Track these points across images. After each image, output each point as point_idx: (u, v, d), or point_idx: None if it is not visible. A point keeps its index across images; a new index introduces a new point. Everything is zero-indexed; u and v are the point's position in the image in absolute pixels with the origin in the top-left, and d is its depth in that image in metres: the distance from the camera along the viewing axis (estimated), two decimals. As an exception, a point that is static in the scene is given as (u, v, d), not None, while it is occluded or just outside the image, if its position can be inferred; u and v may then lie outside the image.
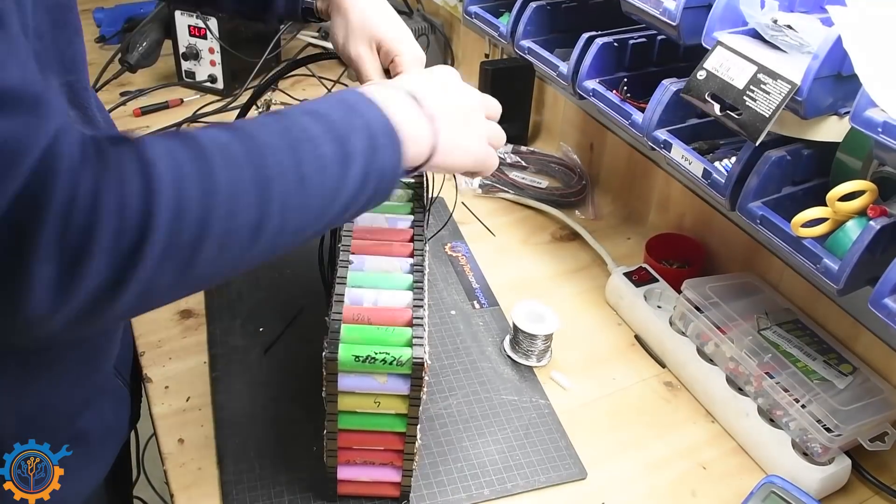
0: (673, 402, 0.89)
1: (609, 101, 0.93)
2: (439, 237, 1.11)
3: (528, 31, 1.06)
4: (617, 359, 0.95)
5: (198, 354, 0.89)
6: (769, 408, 0.82)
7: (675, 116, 0.87)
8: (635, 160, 1.17)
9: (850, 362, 0.85)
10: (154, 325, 0.93)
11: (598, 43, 0.95)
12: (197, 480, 0.76)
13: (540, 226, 1.16)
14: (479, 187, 1.21)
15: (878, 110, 0.61)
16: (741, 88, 0.71)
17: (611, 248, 1.10)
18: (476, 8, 1.17)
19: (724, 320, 0.87)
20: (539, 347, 0.91)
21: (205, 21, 1.34)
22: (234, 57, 1.37)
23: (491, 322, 0.97)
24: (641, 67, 0.98)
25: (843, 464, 0.79)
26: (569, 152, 1.28)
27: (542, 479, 0.79)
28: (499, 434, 0.83)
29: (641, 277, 1.00)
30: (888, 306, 0.63)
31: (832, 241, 0.71)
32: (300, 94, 1.39)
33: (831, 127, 0.72)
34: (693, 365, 0.89)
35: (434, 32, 1.56)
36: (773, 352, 0.84)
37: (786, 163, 0.76)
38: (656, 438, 0.85)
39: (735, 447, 0.85)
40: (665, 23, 0.80)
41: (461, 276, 1.04)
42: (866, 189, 0.68)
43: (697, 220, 1.07)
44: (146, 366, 0.88)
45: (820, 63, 0.65)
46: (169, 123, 1.31)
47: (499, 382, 0.89)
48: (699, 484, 0.80)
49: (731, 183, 0.79)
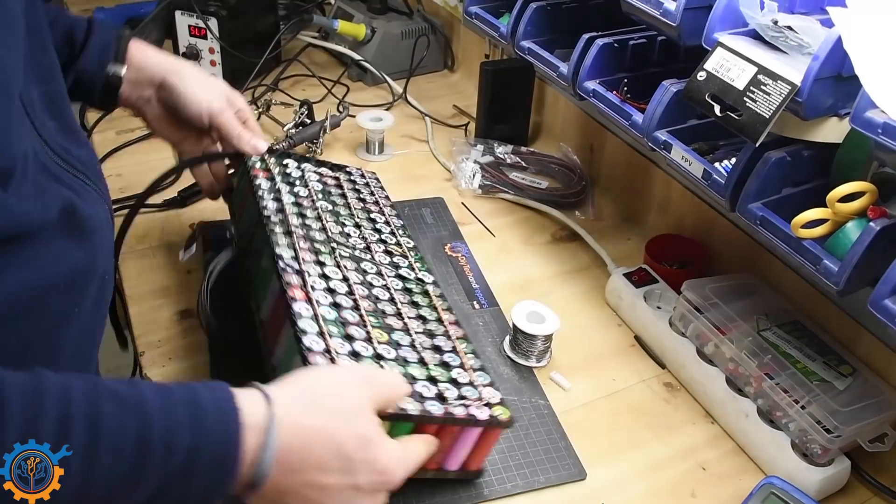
0: (673, 402, 0.89)
1: (609, 102, 0.93)
2: (439, 237, 1.11)
3: (528, 31, 1.06)
4: (617, 359, 0.95)
5: (198, 355, 0.89)
6: (769, 409, 0.82)
7: (675, 117, 0.87)
8: (635, 161, 1.17)
9: (849, 363, 0.85)
10: (154, 325, 0.93)
11: (598, 43, 0.95)
12: (196, 480, 0.76)
13: (540, 226, 1.16)
14: (479, 188, 1.21)
15: (879, 111, 0.61)
16: (741, 89, 0.71)
17: (611, 248, 1.10)
18: (476, 8, 1.17)
19: (723, 321, 0.87)
20: (539, 348, 0.91)
21: (205, 21, 1.34)
22: (235, 57, 1.37)
23: (490, 322, 0.97)
24: (642, 68, 0.98)
25: (843, 465, 0.79)
26: (569, 153, 1.28)
27: (541, 480, 0.78)
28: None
29: (641, 278, 1.00)
30: (888, 307, 0.63)
31: (832, 243, 0.71)
32: (300, 94, 1.39)
33: (831, 128, 0.72)
34: (693, 366, 0.89)
35: (434, 33, 1.56)
36: (772, 353, 0.84)
37: (786, 164, 0.76)
38: (656, 439, 0.85)
39: (734, 448, 0.85)
40: (665, 23, 0.80)
41: (461, 277, 1.04)
42: (866, 190, 0.68)
43: (697, 220, 1.07)
44: (146, 366, 0.88)
45: (820, 64, 0.65)
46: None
47: (499, 383, 0.88)
48: (699, 485, 0.80)
49: (731, 184, 0.79)
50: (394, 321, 0.76)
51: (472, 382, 0.73)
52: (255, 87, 1.42)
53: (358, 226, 0.90)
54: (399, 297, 0.80)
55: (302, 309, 0.71)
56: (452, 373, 0.73)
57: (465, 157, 1.25)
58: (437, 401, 0.68)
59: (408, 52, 1.51)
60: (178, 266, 1.01)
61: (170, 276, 0.99)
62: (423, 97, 1.47)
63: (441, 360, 0.74)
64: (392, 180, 1.23)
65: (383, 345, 0.72)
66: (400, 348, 0.73)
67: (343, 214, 0.91)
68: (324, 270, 0.79)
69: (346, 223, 0.90)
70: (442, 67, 1.61)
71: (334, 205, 0.92)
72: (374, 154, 1.29)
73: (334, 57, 1.58)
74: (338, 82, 1.48)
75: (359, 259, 0.84)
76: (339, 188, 0.97)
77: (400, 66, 1.51)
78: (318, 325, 0.70)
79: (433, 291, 0.84)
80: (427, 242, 1.10)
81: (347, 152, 1.30)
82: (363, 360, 0.69)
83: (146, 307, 0.95)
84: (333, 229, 0.87)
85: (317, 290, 0.74)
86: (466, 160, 1.24)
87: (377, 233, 0.91)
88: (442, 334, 0.78)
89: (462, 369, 0.74)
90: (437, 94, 1.51)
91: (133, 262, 1.01)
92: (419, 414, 0.66)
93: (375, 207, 0.96)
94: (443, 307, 0.82)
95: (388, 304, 0.79)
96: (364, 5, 1.56)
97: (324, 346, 0.68)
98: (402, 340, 0.74)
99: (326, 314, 0.72)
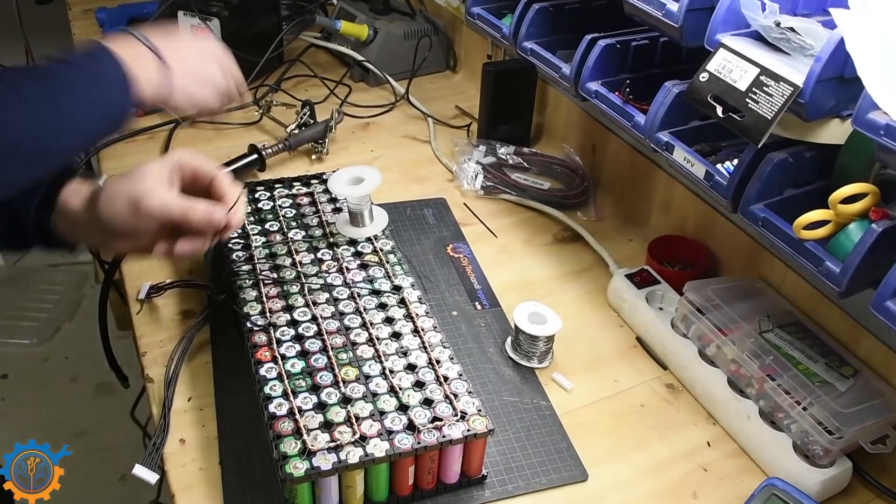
0: (674, 403, 0.89)
1: (611, 103, 0.93)
2: (441, 238, 1.11)
3: (530, 32, 1.06)
4: (618, 360, 0.95)
5: (200, 355, 0.89)
6: (770, 410, 0.82)
7: (677, 118, 0.87)
8: (637, 162, 1.17)
9: (851, 365, 0.85)
10: (156, 325, 0.93)
11: (600, 44, 0.95)
12: (198, 481, 0.76)
13: (542, 227, 1.17)
14: (481, 188, 1.21)
15: (881, 113, 0.61)
16: (743, 91, 0.71)
17: (613, 249, 1.10)
18: (479, 9, 1.17)
19: (725, 322, 0.87)
20: (540, 349, 0.91)
21: (207, 21, 1.34)
22: (236, 57, 1.36)
23: (493, 323, 0.97)
24: (644, 69, 0.98)
25: (845, 466, 0.79)
26: (571, 154, 1.28)
27: (543, 481, 0.79)
28: (500, 435, 0.83)
29: (643, 279, 1.00)
30: (890, 309, 0.63)
31: (834, 244, 0.70)
32: (302, 95, 1.39)
33: (833, 129, 0.72)
34: (694, 367, 0.89)
35: (436, 34, 1.56)
36: (774, 354, 0.84)
37: (788, 165, 0.76)
38: (658, 440, 0.85)
39: (736, 449, 0.85)
40: (667, 25, 0.80)
41: (463, 278, 1.04)
42: (868, 192, 0.68)
43: (699, 222, 1.07)
44: (147, 366, 0.88)
45: (822, 65, 0.65)
46: (171, 124, 1.32)
47: (500, 384, 0.89)
48: (700, 486, 0.80)
49: (733, 185, 0.79)
50: (366, 349, 0.79)
51: (448, 395, 0.74)
52: (257, 87, 1.43)
53: (332, 245, 0.93)
54: (372, 318, 0.83)
55: (268, 372, 0.76)
56: (427, 390, 0.75)
57: (468, 158, 1.25)
58: (407, 431, 0.71)
59: (410, 53, 1.51)
60: (179, 266, 1.01)
61: (171, 277, 0.99)
62: (426, 98, 1.47)
63: (416, 380, 0.76)
64: (394, 181, 1.23)
65: (351, 383, 0.75)
66: (370, 381, 0.76)
67: (317, 237, 0.94)
68: (293, 315, 0.83)
69: (320, 246, 0.93)
70: (444, 68, 1.61)
71: (307, 228, 0.95)
72: (364, 226, 0.94)
73: (336, 57, 1.58)
74: (340, 83, 1.48)
75: (331, 287, 0.87)
76: (312, 205, 1.00)
77: (402, 66, 1.51)
78: (284, 384, 0.75)
79: (410, 297, 0.86)
80: (429, 243, 1.10)
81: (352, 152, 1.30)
82: (329, 408, 0.72)
83: (147, 307, 0.95)
84: (305, 260, 0.90)
85: (284, 343, 0.79)
86: (468, 161, 1.24)
87: (352, 245, 0.93)
88: (417, 347, 0.80)
89: (437, 384, 0.76)
90: (440, 94, 1.51)
91: (133, 263, 1.01)
92: (386, 455, 0.69)
93: None
94: (420, 312, 0.84)
95: (361, 330, 0.81)
96: (366, 6, 1.56)
97: (288, 407, 0.72)
98: (373, 370, 0.77)
99: (292, 368, 0.76)
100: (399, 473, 0.73)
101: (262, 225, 0.95)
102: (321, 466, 0.67)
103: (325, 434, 0.70)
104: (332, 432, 0.70)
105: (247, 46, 1.37)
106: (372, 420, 0.71)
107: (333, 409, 0.72)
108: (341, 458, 0.68)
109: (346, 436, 0.69)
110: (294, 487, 0.69)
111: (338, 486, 0.71)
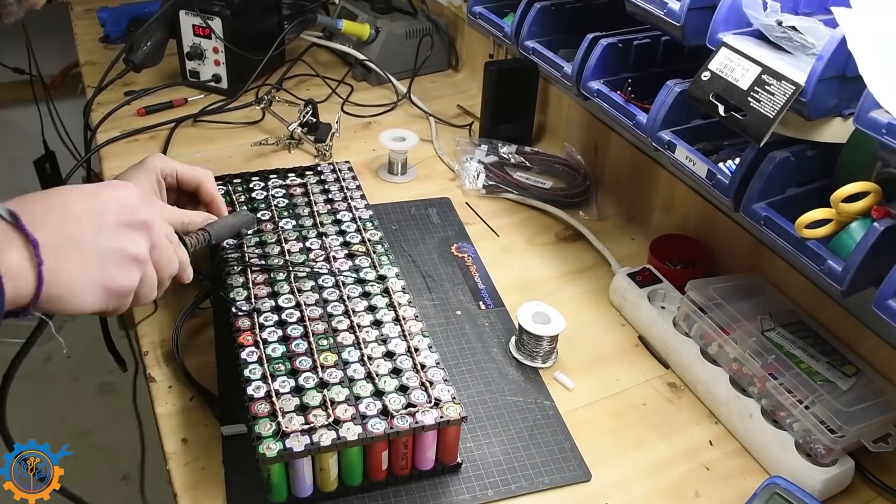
0: (676, 402, 0.89)
1: (613, 102, 0.93)
2: (445, 237, 1.11)
3: (532, 31, 1.06)
4: (620, 359, 0.95)
5: (202, 354, 0.89)
6: (773, 409, 0.82)
7: (679, 117, 0.87)
8: (639, 161, 1.17)
9: (853, 364, 0.85)
10: (158, 324, 0.93)
11: (602, 43, 0.95)
12: (201, 480, 0.76)
13: (544, 226, 1.17)
14: (483, 188, 1.21)
15: (883, 111, 0.61)
16: (745, 89, 0.71)
17: (615, 248, 1.10)
18: (480, 8, 1.17)
19: (727, 321, 0.87)
20: (544, 349, 0.91)
21: (209, 21, 1.34)
22: (238, 56, 1.37)
23: (496, 323, 0.97)
24: (646, 68, 0.98)
25: (847, 465, 0.79)
26: (573, 153, 1.28)
27: (546, 481, 0.79)
28: (503, 435, 0.83)
29: (645, 278, 1.00)
30: (892, 307, 0.63)
31: (836, 243, 0.71)
32: (304, 94, 1.40)
33: (835, 128, 0.72)
34: (697, 366, 0.89)
35: (438, 33, 1.56)
36: (776, 353, 0.84)
37: (790, 164, 0.76)
38: (660, 439, 0.85)
39: (738, 448, 0.85)
40: (669, 23, 0.80)
41: (467, 277, 1.04)
42: (870, 190, 0.68)
43: (701, 220, 1.07)
44: (150, 366, 0.88)
45: (824, 64, 0.65)
46: (172, 123, 1.32)
47: (503, 383, 0.89)
48: (703, 485, 0.80)
49: (734, 184, 0.79)
50: (346, 336, 0.80)
51: (424, 383, 0.75)
52: (259, 86, 1.43)
53: (321, 234, 0.94)
54: (355, 305, 0.84)
55: (249, 355, 0.77)
56: (403, 377, 0.75)
57: (469, 157, 1.25)
58: (381, 417, 0.71)
59: (412, 52, 1.51)
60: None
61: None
62: (427, 97, 1.47)
63: (393, 367, 0.77)
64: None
65: (330, 368, 0.76)
66: (348, 367, 0.76)
67: (307, 226, 0.95)
68: (278, 301, 0.84)
69: (309, 235, 0.94)
70: (446, 67, 1.61)
71: (298, 218, 0.97)
72: (397, 175, 1.24)
73: (338, 56, 1.58)
74: (342, 82, 1.49)
75: (316, 275, 0.88)
76: (305, 195, 1.01)
77: (404, 65, 1.51)
78: (263, 368, 0.76)
79: (394, 286, 0.87)
80: (433, 242, 1.10)
81: (354, 150, 1.30)
82: (306, 392, 0.73)
83: (148, 307, 0.95)
84: (294, 248, 0.91)
85: (267, 329, 0.80)
86: (470, 160, 1.24)
87: (341, 235, 0.94)
88: (397, 335, 0.80)
89: (414, 371, 0.76)
90: (441, 93, 1.51)
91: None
92: (359, 438, 0.69)
93: (343, 205, 0.99)
94: (402, 302, 0.85)
95: (343, 317, 0.82)
96: (368, 5, 1.56)
97: (265, 390, 0.73)
98: (352, 357, 0.77)
99: (273, 353, 0.77)
100: (373, 458, 0.74)
101: (254, 214, 0.96)
102: (294, 448, 0.68)
103: (300, 417, 0.70)
104: (307, 415, 0.70)
105: (248, 46, 1.38)
106: (347, 404, 0.72)
107: (310, 393, 0.73)
108: (314, 441, 0.68)
109: (321, 419, 0.70)
110: (268, 467, 0.70)
111: (311, 468, 0.72)
